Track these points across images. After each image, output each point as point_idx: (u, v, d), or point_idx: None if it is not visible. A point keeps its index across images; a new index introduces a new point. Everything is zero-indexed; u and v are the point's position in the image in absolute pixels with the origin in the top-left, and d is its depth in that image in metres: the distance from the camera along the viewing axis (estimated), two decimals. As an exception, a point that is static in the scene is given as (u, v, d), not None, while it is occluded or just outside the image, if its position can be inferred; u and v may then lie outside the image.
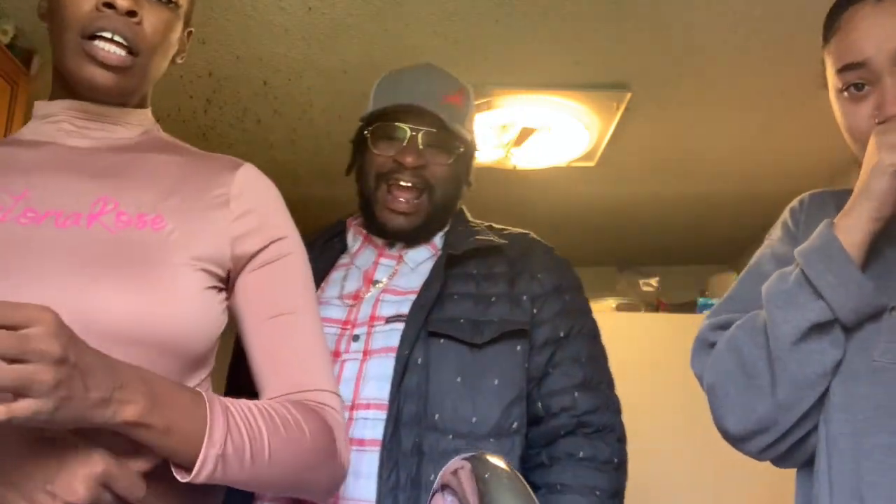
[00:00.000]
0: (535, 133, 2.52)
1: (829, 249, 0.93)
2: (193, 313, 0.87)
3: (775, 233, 1.13)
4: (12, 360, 0.65)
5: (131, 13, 0.91)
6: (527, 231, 1.46)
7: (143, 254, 0.87)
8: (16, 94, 2.08)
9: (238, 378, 1.17)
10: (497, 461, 0.59)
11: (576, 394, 1.27)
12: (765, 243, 1.12)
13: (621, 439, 1.29)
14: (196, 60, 2.19)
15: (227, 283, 0.96)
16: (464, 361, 1.23)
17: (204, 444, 0.78)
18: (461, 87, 1.41)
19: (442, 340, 1.23)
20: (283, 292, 0.96)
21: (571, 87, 2.34)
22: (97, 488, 0.75)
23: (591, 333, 1.36)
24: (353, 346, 1.26)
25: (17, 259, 0.84)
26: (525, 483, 0.58)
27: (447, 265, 1.30)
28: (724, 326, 1.06)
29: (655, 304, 3.32)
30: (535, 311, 1.29)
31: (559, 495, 1.21)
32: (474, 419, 1.20)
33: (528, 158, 2.65)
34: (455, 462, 0.62)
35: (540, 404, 1.26)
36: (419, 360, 1.21)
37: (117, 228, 0.88)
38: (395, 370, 1.21)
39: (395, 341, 1.23)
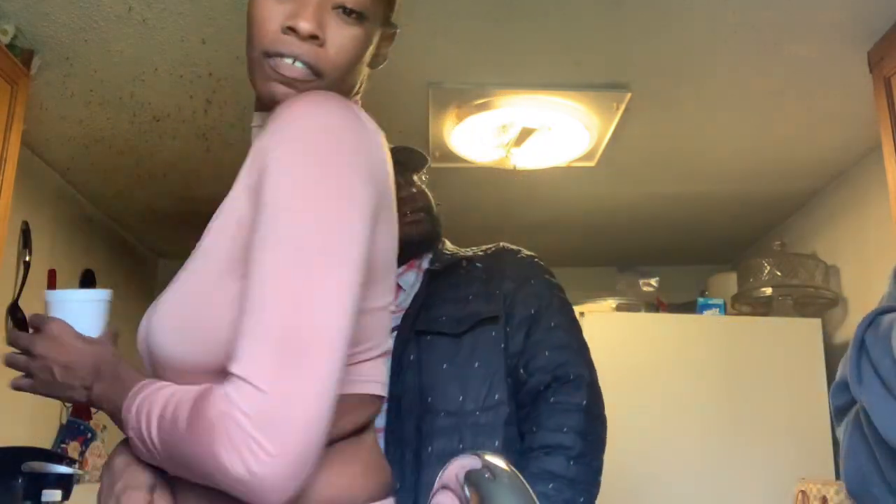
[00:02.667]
0: (535, 133, 2.52)
1: None
2: None
3: (886, 292, 1.17)
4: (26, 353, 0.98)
5: (313, 37, 0.90)
6: (499, 243, 1.69)
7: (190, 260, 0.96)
8: (16, 94, 2.08)
9: None
10: (497, 461, 0.59)
11: (547, 353, 1.48)
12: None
13: (592, 387, 1.49)
14: (196, 60, 2.19)
15: None
16: (449, 351, 1.47)
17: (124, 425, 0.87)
18: None
19: (429, 337, 1.49)
20: None
21: (571, 87, 2.34)
22: None
23: (560, 307, 1.57)
24: None
25: None
26: (525, 483, 0.58)
27: (430, 279, 1.57)
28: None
29: (655, 304, 3.32)
30: (509, 300, 1.53)
31: (533, 435, 1.43)
32: (461, 398, 1.44)
33: (528, 158, 2.64)
34: (456, 461, 0.62)
35: (522, 370, 1.48)
36: (412, 357, 1.47)
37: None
38: (392, 368, 1.45)
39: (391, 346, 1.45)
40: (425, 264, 1.64)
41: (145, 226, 3.47)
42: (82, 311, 1.00)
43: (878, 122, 2.10)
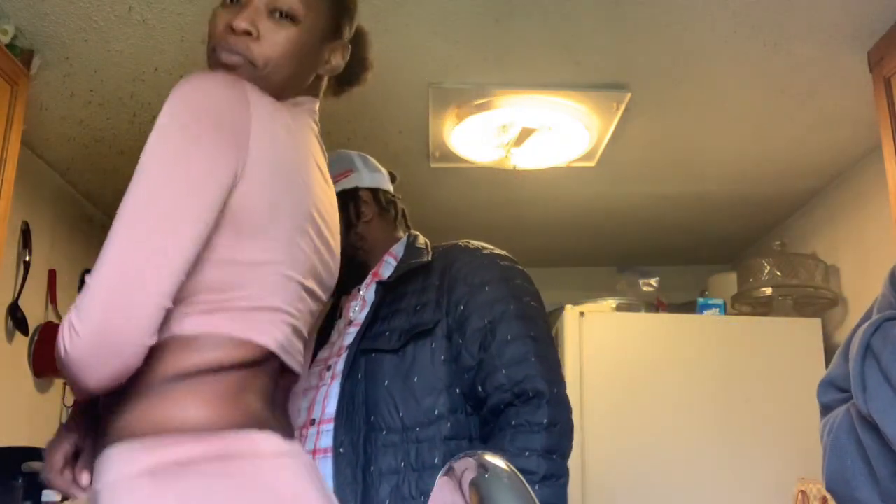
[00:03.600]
0: (535, 133, 2.52)
1: None
2: None
3: (880, 294, 1.17)
4: None
5: (247, 32, 1.10)
6: (458, 241, 1.64)
7: None
8: (16, 94, 2.08)
9: None
10: (497, 461, 0.59)
11: (504, 370, 1.42)
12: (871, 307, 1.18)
13: (552, 402, 1.42)
14: (196, 60, 2.19)
15: None
16: (390, 368, 1.46)
17: None
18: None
19: (373, 355, 1.47)
20: None
21: (571, 87, 2.34)
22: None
23: (517, 315, 1.48)
24: (327, 374, 1.54)
25: None
26: (525, 482, 0.58)
27: (385, 291, 1.55)
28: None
29: (655, 304, 3.32)
30: (461, 307, 1.47)
31: None
32: (401, 414, 1.43)
33: (528, 158, 2.64)
34: (455, 461, 0.62)
35: (480, 387, 1.44)
36: (359, 376, 1.47)
37: None
38: (342, 386, 1.48)
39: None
40: (386, 273, 1.61)
41: (145, 226, 3.47)
42: None
43: (878, 122, 2.10)
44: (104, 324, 0.90)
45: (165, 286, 0.93)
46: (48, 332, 2.79)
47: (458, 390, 1.45)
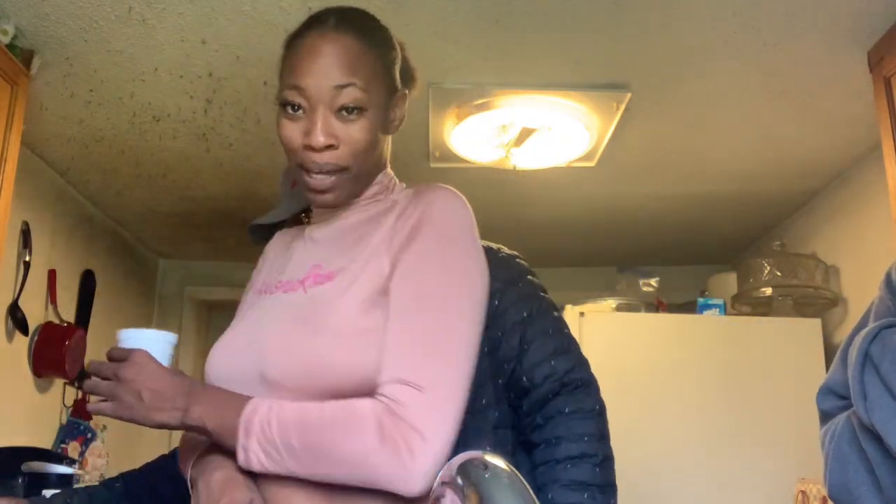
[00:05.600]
0: (535, 133, 2.52)
1: None
2: (347, 348, 1.02)
3: (877, 297, 1.16)
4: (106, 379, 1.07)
5: (329, 146, 1.08)
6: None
7: (316, 304, 1.08)
8: (16, 94, 2.08)
9: None
10: (497, 461, 0.60)
11: (552, 361, 1.48)
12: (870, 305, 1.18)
13: (597, 390, 1.52)
14: (196, 60, 2.19)
15: None
16: None
17: (238, 436, 0.99)
18: None
19: None
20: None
21: (571, 87, 2.34)
22: None
23: (550, 309, 1.57)
24: None
25: (258, 314, 1.14)
26: (525, 482, 0.58)
27: None
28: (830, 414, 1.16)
29: (655, 304, 3.32)
30: (496, 303, 1.51)
31: (555, 447, 1.44)
32: None
33: (528, 158, 2.65)
34: (456, 461, 0.62)
35: (525, 378, 1.48)
36: None
37: (308, 288, 1.11)
38: None
39: None
40: None
41: (145, 226, 3.47)
42: (154, 348, 1.10)
43: (878, 122, 2.10)
44: (445, 437, 0.96)
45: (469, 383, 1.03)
46: (48, 332, 2.79)
47: (500, 381, 1.50)
